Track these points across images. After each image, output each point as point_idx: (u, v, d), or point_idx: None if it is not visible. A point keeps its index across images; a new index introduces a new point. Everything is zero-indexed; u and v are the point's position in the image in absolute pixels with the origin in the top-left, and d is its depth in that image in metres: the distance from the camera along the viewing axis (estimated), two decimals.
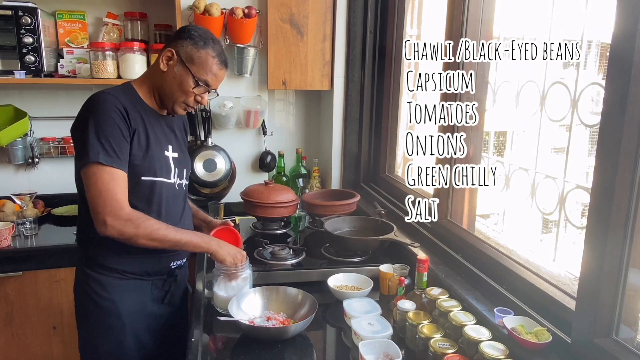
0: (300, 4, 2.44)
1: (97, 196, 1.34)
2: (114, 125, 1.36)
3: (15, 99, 2.47)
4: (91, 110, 1.38)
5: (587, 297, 1.11)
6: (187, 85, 1.47)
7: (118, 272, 1.48)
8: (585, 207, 1.43)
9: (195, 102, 1.52)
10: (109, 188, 1.34)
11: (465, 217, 1.83)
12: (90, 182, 1.35)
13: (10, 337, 2.14)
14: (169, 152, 1.54)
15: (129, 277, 1.49)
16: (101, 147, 1.34)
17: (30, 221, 2.21)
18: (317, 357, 1.34)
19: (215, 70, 1.49)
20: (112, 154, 1.35)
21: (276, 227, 2.19)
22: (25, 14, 2.18)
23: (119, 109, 1.38)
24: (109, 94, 1.41)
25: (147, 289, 1.54)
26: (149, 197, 1.47)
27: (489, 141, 1.89)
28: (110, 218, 1.33)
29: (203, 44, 1.46)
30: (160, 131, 1.53)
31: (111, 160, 1.35)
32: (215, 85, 1.52)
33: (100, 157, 1.33)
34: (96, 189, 1.34)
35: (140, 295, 1.52)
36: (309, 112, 2.87)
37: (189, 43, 1.46)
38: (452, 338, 1.26)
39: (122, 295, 1.48)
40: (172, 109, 1.53)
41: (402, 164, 2.55)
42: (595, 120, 1.25)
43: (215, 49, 1.49)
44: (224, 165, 2.49)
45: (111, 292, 1.47)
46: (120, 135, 1.37)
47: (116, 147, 1.36)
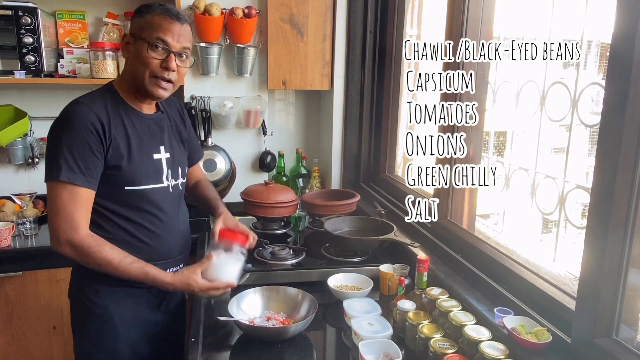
0: (300, 4, 2.44)
1: (55, 214, 1.31)
2: (82, 142, 1.30)
3: (15, 99, 2.47)
4: (61, 123, 1.33)
5: (587, 297, 1.11)
6: (144, 54, 1.35)
7: (113, 280, 1.39)
8: (585, 207, 1.43)
9: (163, 69, 1.37)
10: (67, 207, 1.30)
11: (465, 217, 1.83)
12: (50, 198, 1.32)
13: (10, 337, 2.14)
14: (160, 154, 1.48)
15: (124, 284, 1.42)
16: (65, 164, 1.29)
17: (30, 221, 2.21)
18: (317, 357, 1.34)
19: (165, 25, 1.36)
20: (77, 170, 1.30)
21: (276, 227, 2.19)
22: (25, 14, 2.18)
23: (92, 123, 1.31)
24: (84, 105, 1.34)
25: (142, 296, 1.48)
26: (138, 205, 1.42)
27: (489, 141, 1.89)
28: (63, 239, 1.31)
29: (147, 9, 1.38)
30: (147, 134, 1.45)
31: (74, 177, 1.30)
32: (172, 41, 1.37)
33: (62, 175, 1.28)
34: (55, 206, 1.31)
35: (135, 303, 1.47)
36: (309, 112, 2.87)
37: (136, 17, 1.40)
38: (452, 338, 1.26)
39: (117, 302, 1.44)
40: (148, 92, 1.40)
41: (402, 164, 2.55)
42: (595, 120, 1.25)
43: (161, 8, 1.38)
44: (224, 165, 2.49)
45: (105, 299, 1.43)
46: (89, 151, 1.31)
47: (82, 163, 1.30)
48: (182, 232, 1.57)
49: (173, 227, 1.51)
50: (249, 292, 1.52)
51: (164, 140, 1.51)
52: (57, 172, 1.29)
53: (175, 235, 1.53)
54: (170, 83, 1.41)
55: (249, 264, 1.78)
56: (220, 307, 1.53)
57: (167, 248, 1.49)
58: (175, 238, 1.53)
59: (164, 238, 1.48)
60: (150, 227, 1.45)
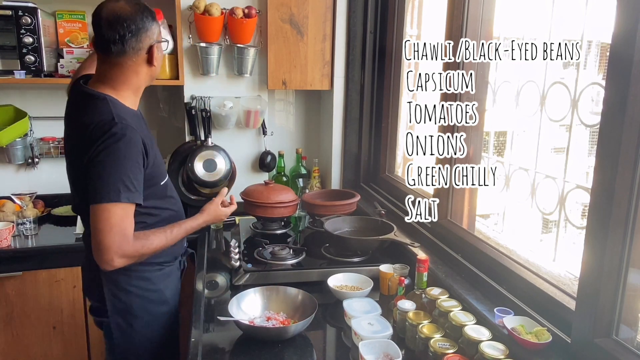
0: (300, 4, 2.44)
1: (108, 232, 1.32)
2: (136, 164, 1.37)
3: (15, 99, 2.47)
4: (115, 149, 1.33)
5: (587, 297, 1.11)
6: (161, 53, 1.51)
7: (158, 265, 1.57)
8: (585, 207, 1.43)
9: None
10: (121, 224, 1.34)
11: (465, 217, 1.83)
12: (102, 217, 1.32)
13: (10, 337, 2.14)
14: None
15: (164, 265, 1.60)
16: (123, 186, 1.33)
17: (30, 221, 2.21)
18: (317, 357, 1.34)
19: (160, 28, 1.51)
20: (134, 189, 1.36)
21: (276, 227, 2.19)
22: (25, 14, 2.18)
23: (141, 147, 1.39)
24: (132, 129, 1.37)
25: (175, 272, 1.67)
26: (164, 195, 1.56)
27: (489, 141, 1.89)
28: (117, 256, 1.34)
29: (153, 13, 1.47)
30: (147, 130, 1.55)
31: (133, 196, 1.36)
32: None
33: (122, 197, 1.33)
34: (108, 224, 1.32)
35: (173, 279, 1.65)
36: (309, 112, 2.87)
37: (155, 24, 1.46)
38: (452, 338, 1.26)
39: (164, 283, 1.59)
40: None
41: (402, 164, 2.55)
42: (595, 120, 1.25)
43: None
44: (224, 165, 2.49)
45: (157, 283, 1.56)
46: (139, 170, 1.39)
47: (135, 182, 1.37)
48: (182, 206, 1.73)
49: (180, 203, 1.69)
50: (249, 292, 1.52)
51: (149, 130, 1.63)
52: (116, 194, 1.32)
53: (182, 209, 1.70)
54: None
55: (249, 264, 1.78)
56: (220, 307, 1.53)
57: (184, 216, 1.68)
58: (182, 211, 1.70)
59: (180, 213, 1.66)
60: (174, 208, 1.62)
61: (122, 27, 1.36)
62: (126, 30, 1.37)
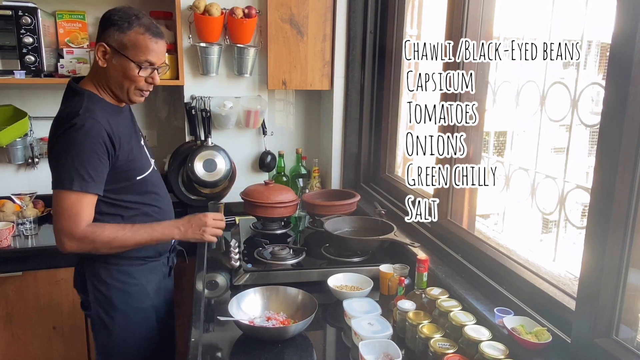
0: (300, 4, 2.44)
1: (60, 215, 1.39)
2: (93, 155, 1.38)
3: (15, 99, 2.47)
4: (70, 136, 1.37)
5: (587, 297, 1.11)
6: (131, 72, 1.44)
7: (139, 259, 1.57)
8: (585, 207, 1.43)
9: (147, 84, 1.50)
10: (73, 209, 1.38)
11: (465, 217, 1.83)
12: (56, 201, 1.40)
13: (10, 337, 2.14)
14: (142, 141, 1.63)
15: (147, 260, 1.60)
16: (77, 174, 1.37)
17: (30, 221, 2.21)
18: (317, 357, 1.34)
19: (151, 47, 1.44)
20: (88, 179, 1.38)
21: (276, 227, 2.19)
22: (25, 14, 2.18)
23: (101, 137, 1.39)
24: (90, 119, 1.39)
25: (160, 267, 1.66)
26: (146, 190, 1.56)
27: (489, 141, 1.89)
28: (67, 238, 1.39)
29: (128, 25, 1.41)
30: (130, 126, 1.57)
31: (86, 185, 1.38)
32: (158, 60, 1.47)
33: (74, 185, 1.37)
34: (60, 208, 1.39)
35: (157, 274, 1.65)
36: (309, 112, 2.87)
37: (114, 30, 1.41)
38: (452, 338, 1.26)
39: (146, 277, 1.60)
40: (129, 99, 1.51)
41: (402, 164, 2.55)
42: (595, 120, 1.25)
43: (142, 24, 1.43)
44: (224, 165, 2.49)
45: (137, 277, 1.57)
46: (97, 161, 1.40)
47: (92, 171, 1.39)
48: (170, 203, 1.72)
49: (167, 200, 1.68)
50: (249, 292, 1.52)
51: (136, 127, 1.65)
52: (69, 182, 1.37)
53: (169, 206, 1.69)
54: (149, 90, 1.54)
55: (249, 264, 1.78)
56: (220, 307, 1.53)
57: (167, 218, 1.65)
58: (170, 208, 1.69)
59: (165, 210, 1.65)
60: (157, 204, 1.60)
61: (100, 25, 1.46)
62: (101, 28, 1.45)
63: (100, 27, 1.45)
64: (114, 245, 1.46)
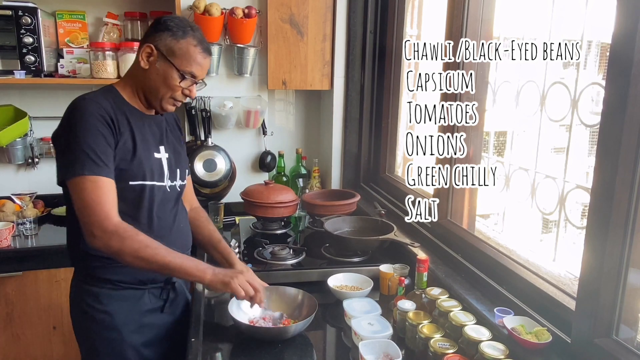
0: (300, 4, 2.44)
1: (84, 207, 1.28)
2: (97, 133, 1.31)
3: (15, 99, 2.47)
4: (73, 118, 1.32)
5: (587, 297, 1.11)
6: (172, 80, 1.40)
7: (110, 283, 1.41)
8: (585, 207, 1.43)
9: (184, 95, 1.45)
10: (94, 198, 1.28)
11: (465, 217, 1.83)
12: (76, 194, 1.29)
13: (10, 337, 2.14)
14: (160, 153, 1.48)
15: (122, 286, 1.42)
16: (86, 157, 1.28)
17: (30, 221, 2.21)
18: (317, 357, 1.34)
19: (199, 60, 1.41)
20: (99, 161, 1.29)
21: (276, 227, 2.19)
22: (25, 14, 2.18)
23: (101, 115, 1.32)
24: (91, 100, 1.34)
25: (142, 299, 1.46)
26: (137, 202, 1.41)
27: (489, 141, 1.89)
28: (97, 229, 1.27)
29: (182, 33, 1.38)
30: (149, 132, 1.46)
31: (98, 169, 1.29)
32: (201, 75, 1.44)
33: (86, 170, 1.27)
34: (82, 200, 1.28)
35: (135, 305, 1.45)
36: (309, 112, 2.87)
37: (167, 35, 1.38)
38: (452, 338, 1.26)
39: (116, 306, 1.42)
40: (161, 107, 1.45)
41: (402, 164, 2.55)
42: (595, 120, 1.25)
43: (196, 37, 1.40)
44: (224, 165, 2.49)
45: (106, 303, 1.41)
46: (104, 143, 1.32)
47: (102, 154, 1.30)
48: (181, 230, 1.54)
49: (170, 226, 1.49)
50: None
51: (163, 140, 1.51)
52: (80, 168, 1.27)
53: (174, 234, 1.50)
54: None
55: (249, 264, 1.78)
56: (220, 307, 1.53)
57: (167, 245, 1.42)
58: (174, 236, 1.49)
59: (163, 236, 1.42)
60: (147, 224, 1.42)
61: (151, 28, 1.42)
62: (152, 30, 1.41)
63: (151, 29, 1.42)
64: (142, 255, 1.28)
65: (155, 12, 2.48)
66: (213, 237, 1.63)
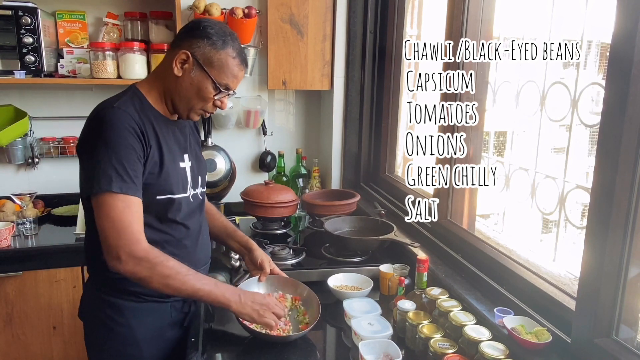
0: (300, 4, 2.44)
1: (111, 228, 1.19)
2: (128, 147, 1.22)
3: (15, 99, 2.47)
4: (103, 130, 1.22)
5: (587, 297, 1.11)
6: (207, 92, 1.32)
7: (134, 295, 1.34)
8: (585, 207, 1.43)
9: (214, 107, 1.37)
10: (123, 218, 1.19)
11: (465, 217, 1.83)
12: (103, 212, 1.20)
13: (10, 337, 2.14)
14: (184, 162, 1.40)
15: (145, 299, 1.35)
16: (115, 173, 1.19)
17: (30, 221, 2.21)
18: (318, 357, 1.34)
19: (236, 72, 1.34)
20: (127, 179, 1.21)
21: (276, 227, 2.19)
22: (25, 14, 2.18)
23: (133, 128, 1.24)
24: (122, 111, 1.25)
25: (165, 312, 1.40)
26: (162, 215, 1.34)
27: (489, 141, 1.89)
28: (124, 254, 1.18)
29: (222, 43, 1.30)
30: (173, 141, 1.39)
31: (126, 187, 1.20)
32: (235, 87, 1.37)
33: (114, 186, 1.19)
34: (110, 220, 1.19)
35: (158, 319, 1.39)
36: (309, 112, 2.87)
37: (206, 43, 1.29)
38: (452, 338, 1.26)
39: (139, 320, 1.36)
40: (188, 116, 1.38)
41: (402, 164, 2.55)
42: (595, 120, 1.25)
43: (235, 48, 1.32)
44: (224, 165, 2.49)
45: (127, 317, 1.34)
46: (135, 158, 1.23)
47: (131, 171, 1.22)
48: (204, 242, 1.51)
49: (196, 237, 1.45)
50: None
51: (187, 147, 1.45)
52: (107, 183, 1.19)
53: (199, 246, 1.47)
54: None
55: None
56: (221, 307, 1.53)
57: (193, 257, 1.42)
58: (199, 248, 1.46)
59: (190, 248, 1.42)
60: (178, 237, 1.38)
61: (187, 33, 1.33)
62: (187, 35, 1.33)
63: (186, 34, 1.32)
64: (171, 283, 1.22)
65: (155, 12, 2.48)
66: (228, 227, 1.64)
